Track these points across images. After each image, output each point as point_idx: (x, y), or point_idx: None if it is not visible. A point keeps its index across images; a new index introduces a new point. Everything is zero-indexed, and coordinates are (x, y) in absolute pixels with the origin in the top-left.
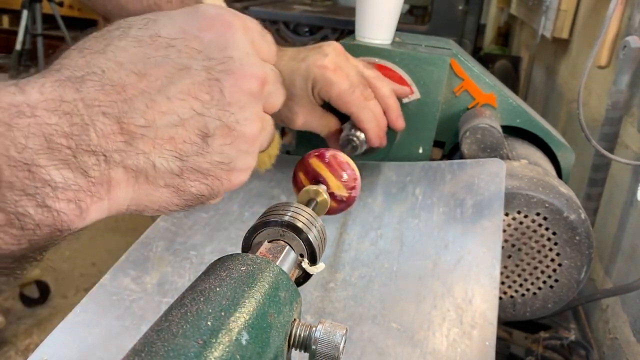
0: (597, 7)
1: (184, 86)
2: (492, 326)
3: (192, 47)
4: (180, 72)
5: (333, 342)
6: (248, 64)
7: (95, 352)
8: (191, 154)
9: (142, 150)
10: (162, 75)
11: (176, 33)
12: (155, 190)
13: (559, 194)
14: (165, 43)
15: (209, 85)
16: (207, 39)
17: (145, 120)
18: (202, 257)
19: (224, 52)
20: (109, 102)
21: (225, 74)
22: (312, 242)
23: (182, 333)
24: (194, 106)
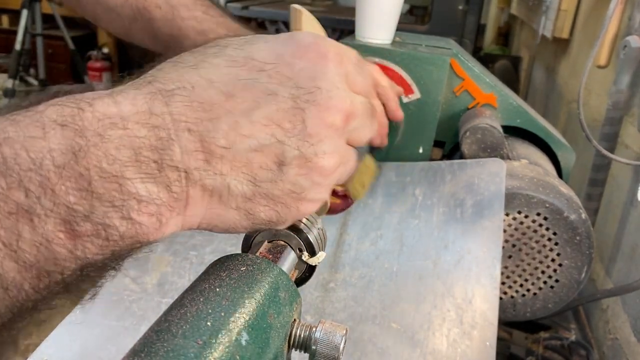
0: (597, 7)
1: (269, 112)
2: (492, 326)
3: (282, 73)
4: (267, 97)
5: (333, 343)
6: (335, 96)
7: (95, 352)
8: (265, 180)
9: (220, 171)
10: (249, 98)
11: (270, 58)
12: (226, 211)
13: (560, 194)
14: (258, 66)
15: (293, 114)
16: (298, 67)
17: (227, 141)
18: (202, 257)
19: (313, 82)
20: (195, 119)
21: (310, 105)
22: (312, 243)
23: (181, 333)
24: (275, 133)
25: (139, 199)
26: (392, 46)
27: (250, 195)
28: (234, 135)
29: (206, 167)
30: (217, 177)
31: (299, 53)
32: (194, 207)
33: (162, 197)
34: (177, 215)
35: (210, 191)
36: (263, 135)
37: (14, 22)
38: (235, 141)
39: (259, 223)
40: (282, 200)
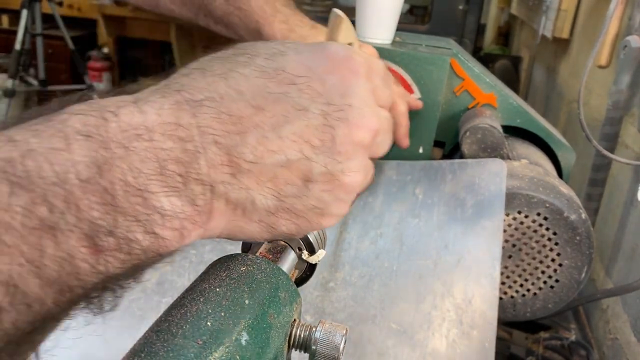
0: (597, 6)
1: (299, 128)
2: (491, 327)
3: (314, 88)
4: (297, 112)
5: (333, 343)
6: (365, 114)
7: (95, 352)
8: (290, 195)
9: (246, 185)
10: (279, 113)
11: (301, 71)
12: (249, 224)
13: (560, 194)
14: (289, 80)
15: (322, 130)
16: (330, 83)
17: (254, 156)
18: (201, 256)
19: (344, 99)
20: (223, 132)
21: (341, 122)
22: (311, 242)
23: (181, 333)
24: (303, 149)
25: (163, 214)
26: (392, 46)
27: (273, 210)
28: (261, 150)
29: (232, 180)
30: (243, 191)
31: (331, 68)
32: (217, 220)
33: (186, 211)
34: (199, 228)
35: (234, 205)
36: (291, 151)
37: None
38: (262, 156)
39: (279, 235)
40: (304, 215)
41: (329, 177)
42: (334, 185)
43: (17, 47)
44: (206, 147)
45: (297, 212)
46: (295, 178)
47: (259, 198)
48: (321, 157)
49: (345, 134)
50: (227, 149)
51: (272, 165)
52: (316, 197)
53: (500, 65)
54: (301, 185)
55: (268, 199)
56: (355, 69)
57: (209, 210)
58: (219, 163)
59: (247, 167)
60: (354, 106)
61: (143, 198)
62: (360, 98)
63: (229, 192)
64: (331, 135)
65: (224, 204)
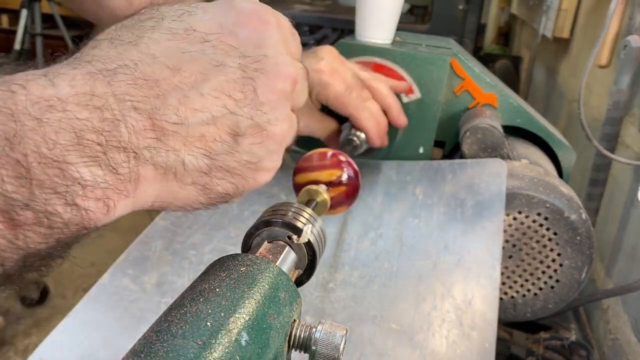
0: (597, 6)
1: (219, 83)
2: (492, 327)
3: (227, 43)
4: (215, 68)
5: (333, 343)
6: (282, 63)
7: (95, 352)
8: (221, 152)
9: (173, 148)
10: (196, 71)
11: (212, 28)
12: (182, 188)
13: (560, 194)
14: (201, 37)
15: (243, 83)
16: (243, 36)
17: (178, 117)
18: (201, 257)
19: (259, 50)
20: (142, 97)
21: (260, 73)
22: (312, 242)
23: (181, 334)
24: (227, 104)
25: (84, 184)
26: (392, 46)
27: (206, 170)
28: (184, 110)
29: (158, 145)
30: (171, 153)
31: (242, 21)
32: (145, 187)
33: (108, 180)
34: (125, 198)
35: (163, 169)
36: (215, 107)
37: (14, 22)
38: (187, 116)
39: (216, 197)
40: (238, 172)
41: (257, 129)
42: (263, 137)
43: (16, 47)
44: (125, 114)
45: (231, 170)
46: (223, 134)
47: (188, 159)
48: (246, 110)
49: (266, 84)
50: (148, 113)
51: (198, 124)
52: (247, 152)
53: (500, 65)
54: (231, 141)
55: (199, 159)
56: (265, 19)
57: (136, 177)
58: (142, 128)
59: (172, 129)
60: (270, 56)
61: (60, 169)
62: (274, 48)
63: (155, 157)
64: (252, 87)
65: (152, 170)
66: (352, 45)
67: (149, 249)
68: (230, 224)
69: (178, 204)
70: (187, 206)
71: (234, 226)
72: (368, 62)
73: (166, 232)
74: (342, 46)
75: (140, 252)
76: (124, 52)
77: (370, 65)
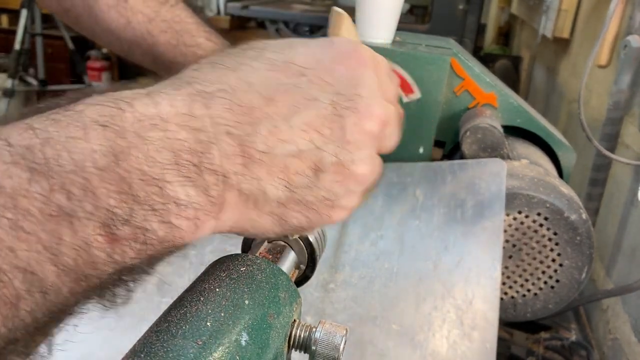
0: (597, 6)
1: (309, 117)
2: (492, 327)
3: (323, 78)
4: (307, 102)
5: (333, 343)
6: (374, 104)
7: (95, 352)
8: (301, 186)
9: (257, 176)
10: (289, 103)
11: (310, 63)
12: (260, 216)
13: (560, 194)
14: (298, 71)
15: (332, 120)
16: (339, 73)
17: (266, 146)
18: (201, 257)
19: (354, 89)
20: (235, 122)
21: (350, 112)
22: (312, 243)
23: (181, 334)
24: (314, 139)
25: (178, 203)
26: (392, 46)
27: (284, 201)
28: (273, 140)
29: (244, 171)
30: (254, 181)
31: (339, 59)
32: (229, 211)
33: (200, 201)
34: (212, 219)
35: (246, 196)
36: (302, 140)
37: (14, 21)
38: (274, 146)
39: (290, 229)
40: (314, 207)
41: (340, 167)
42: (344, 176)
43: (16, 47)
44: (219, 137)
45: (308, 204)
46: (306, 168)
47: (270, 188)
48: (331, 147)
49: (355, 123)
50: (239, 139)
51: (283, 155)
52: (327, 188)
53: (500, 65)
54: (312, 176)
55: (279, 190)
56: (363, 60)
57: (222, 201)
58: (232, 153)
59: (258, 157)
60: (363, 96)
61: (159, 187)
62: (368, 89)
63: (241, 183)
64: (341, 125)
65: (236, 195)
66: None
67: (182, 254)
68: None
69: (254, 231)
70: (262, 234)
71: None
72: None
73: None
74: None
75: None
76: (223, 77)
77: None
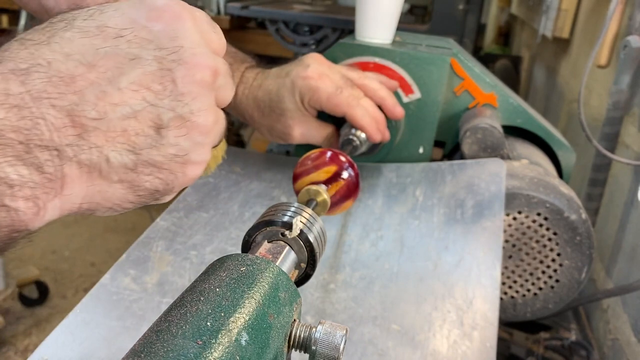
0: (597, 6)
1: (136, 77)
2: (492, 327)
3: (141, 37)
4: (130, 62)
5: (333, 343)
6: (199, 53)
7: (95, 352)
8: (145, 146)
9: (95, 144)
10: (112, 66)
11: (124, 23)
12: (109, 186)
13: (560, 194)
14: (114, 33)
15: (161, 75)
16: (156, 29)
17: (97, 112)
18: (202, 257)
19: (175, 41)
20: (58, 94)
21: (177, 64)
22: (312, 243)
23: (181, 333)
24: (146, 97)
25: (10, 184)
26: (392, 46)
27: (131, 166)
28: (103, 105)
29: (79, 142)
30: (94, 150)
31: (154, 16)
32: (72, 186)
33: (34, 179)
34: (54, 198)
35: (88, 167)
36: (134, 101)
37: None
38: (106, 111)
39: (145, 195)
40: (166, 166)
41: (180, 120)
42: (187, 128)
43: None
44: (44, 111)
45: (158, 165)
46: (145, 128)
47: (112, 155)
48: (166, 102)
49: (185, 75)
50: (66, 110)
51: (119, 119)
52: (173, 144)
53: (500, 65)
54: (154, 135)
55: (123, 155)
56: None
57: (61, 176)
58: (62, 125)
59: (92, 125)
60: (186, 47)
61: None
62: (190, 40)
63: (78, 154)
64: (171, 79)
65: (76, 168)
66: (352, 45)
67: (150, 249)
68: (231, 225)
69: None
70: (117, 206)
71: (235, 227)
72: (368, 62)
73: (167, 233)
74: (342, 46)
75: (142, 253)
76: (36, 52)
77: (370, 65)
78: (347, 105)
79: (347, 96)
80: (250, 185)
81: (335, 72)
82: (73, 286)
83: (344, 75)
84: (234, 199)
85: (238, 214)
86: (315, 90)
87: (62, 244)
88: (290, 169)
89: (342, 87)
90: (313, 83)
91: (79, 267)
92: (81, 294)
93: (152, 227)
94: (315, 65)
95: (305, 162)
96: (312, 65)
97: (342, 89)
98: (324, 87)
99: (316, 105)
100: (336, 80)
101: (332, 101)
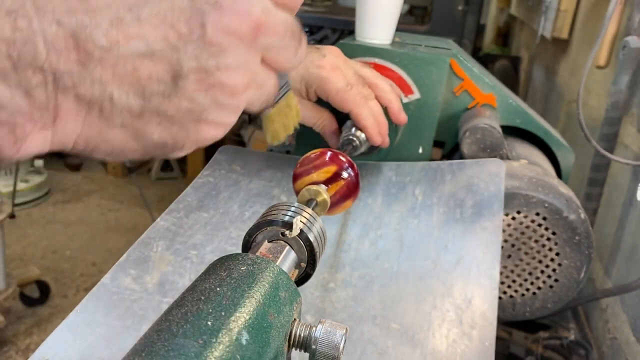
0: (596, 7)
1: (161, 9)
2: (491, 326)
3: None
4: None
5: (333, 342)
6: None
7: (96, 352)
8: (156, 93)
9: (99, 78)
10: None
11: None
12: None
13: (559, 194)
14: None
15: (190, 15)
16: None
17: (107, 41)
18: (202, 257)
19: None
20: (67, 9)
21: (212, 7)
22: (312, 242)
23: (182, 333)
24: (168, 36)
25: None
26: (392, 46)
27: (138, 111)
28: (116, 34)
29: (81, 70)
30: (96, 84)
31: None
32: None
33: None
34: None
35: (87, 102)
36: (153, 37)
37: None
38: (118, 41)
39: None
40: (177, 121)
41: (202, 73)
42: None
43: None
44: (45, 26)
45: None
46: (160, 72)
47: (117, 94)
48: (190, 48)
49: (217, 21)
50: (72, 29)
51: (131, 55)
52: (189, 98)
53: (499, 66)
54: (169, 82)
55: (130, 97)
56: None
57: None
58: (63, 47)
59: (99, 55)
60: None
61: None
62: None
63: (78, 85)
64: (201, 22)
65: (73, 100)
66: (352, 46)
67: (150, 249)
68: (232, 224)
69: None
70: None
71: (235, 227)
72: (368, 62)
73: (167, 233)
74: (342, 47)
75: (142, 252)
76: None
77: (370, 66)
78: (354, 103)
79: (356, 94)
80: (250, 185)
81: (349, 68)
82: (74, 286)
83: (356, 72)
84: (234, 199)
85: (238, 214)
86: (325, 80)
87: (63, 244)
88: (290, 168)
89: (352, 84)
90: (325, 73)
91: (80, 267)
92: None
93: (152, 227)
94: (330, 57)
95: (305, 162)
96: (328, 55)
97: (352, 86)
98: (335, 80)
99: (323, 95)
100: (349, 76)
101: (340, 96)
